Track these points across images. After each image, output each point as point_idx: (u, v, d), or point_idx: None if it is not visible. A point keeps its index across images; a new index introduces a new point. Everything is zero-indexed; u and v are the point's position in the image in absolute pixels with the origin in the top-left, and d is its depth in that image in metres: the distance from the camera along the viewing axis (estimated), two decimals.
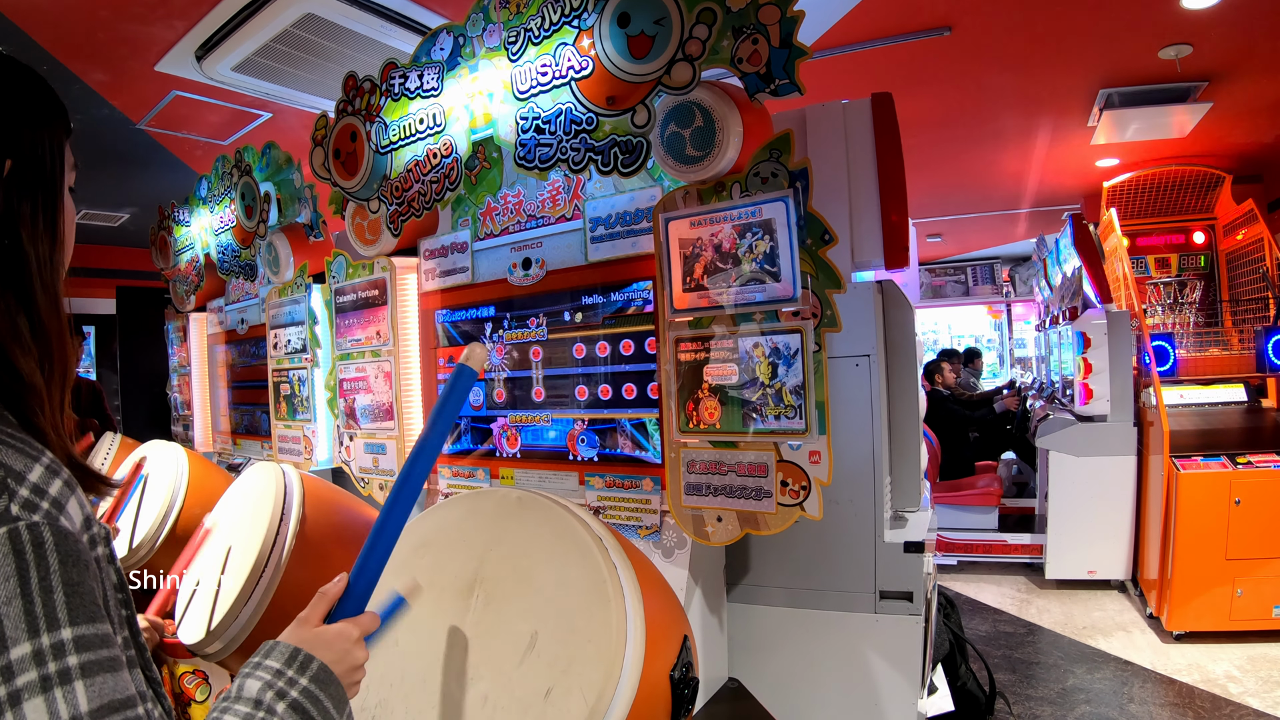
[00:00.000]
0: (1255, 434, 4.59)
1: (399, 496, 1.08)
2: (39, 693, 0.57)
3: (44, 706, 0.56)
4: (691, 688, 1.33)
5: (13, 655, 0.57)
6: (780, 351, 1.66)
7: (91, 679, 0.60)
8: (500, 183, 2.26)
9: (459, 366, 1.16)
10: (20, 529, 0.60)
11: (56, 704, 0.57)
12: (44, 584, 0.60)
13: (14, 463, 0.64)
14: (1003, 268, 10.38)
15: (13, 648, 0.57)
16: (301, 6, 2.95)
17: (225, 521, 2.22)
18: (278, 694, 0.79)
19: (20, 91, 0.78)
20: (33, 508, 0.62)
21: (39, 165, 0.78)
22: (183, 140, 4.48)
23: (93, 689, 0.59)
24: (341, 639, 0.91)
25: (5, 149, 0.75)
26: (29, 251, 0.75)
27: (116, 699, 0.61)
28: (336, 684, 0.85)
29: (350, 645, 0.91)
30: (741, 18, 1.58)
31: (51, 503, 0.64)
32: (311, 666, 0.84)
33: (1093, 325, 5.13)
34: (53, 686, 0.57)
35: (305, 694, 0.81)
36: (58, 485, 0.66)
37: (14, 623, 0.57)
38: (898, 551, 2.00)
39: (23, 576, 0.59)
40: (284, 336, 3.03)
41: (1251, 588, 4.20)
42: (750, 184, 1.68)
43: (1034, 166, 5.96)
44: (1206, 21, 3.51)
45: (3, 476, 0.62)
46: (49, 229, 0.78)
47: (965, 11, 3.38)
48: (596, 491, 2.06)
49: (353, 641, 0.92)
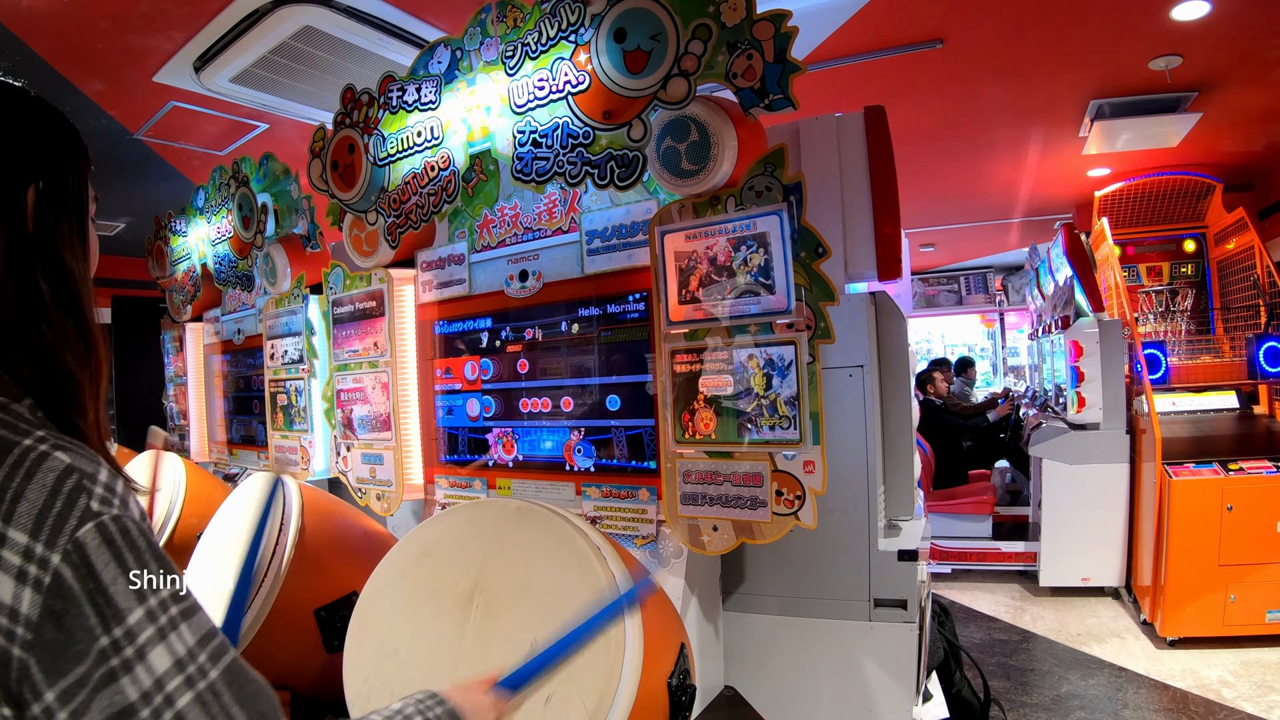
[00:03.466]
0: (1247, 440, 4.61)
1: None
2: (159, 641, 0.71)
3: (165, 650, 0.71)
4: (689, 695, 1.34)
5: (130, 621, 0.70)
6: (775, 363, 1.68)
7: (189, 620, 0.74)
8: (497, 195, 2.28)
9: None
10: (106, 521, 0.71)
11: (173, 645, 0.72)
12: (139, 560, 0.72)
13: (84, 466, 0.73)
14: (995, 277, 10.43)
15: (129, 615, 0.70)
16: (300, 19, 2.97)
17: (223, 531, 2.22)
18: (419, 711, 0.93)
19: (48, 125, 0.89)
20: (109, 503, 0.72)
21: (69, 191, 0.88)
22: (180, 150, 4.48)
23: (193, 626, 0.74)
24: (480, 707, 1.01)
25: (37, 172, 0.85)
26: (72, 267, 0.86)
27: (210, 628, 0.76)
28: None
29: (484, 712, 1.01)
30: (736, 33, 1.61)
31: (120, 498, 0.74)
32: (448, 703, 0.97)
33: (1085, 334, 5.16)
34: (167, 634, 0.72)
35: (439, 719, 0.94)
36: (121, 483, 0.76)
37: (124, 596, 0.70)
38: (892, 560, 2.02)
39: (120, 559, 0.71)
40: (281, 347, 3.04)
41: (1244, 593, 4.22)
42: (745, 197, 1.70)
43: (1026, 177, 5.99)
44: (1196, 32, 3.55)
45: (79, 479, 0.72)
46: (83, 249, 0.89)
47: (957, 24, 3.41)
48: (593, 501, 2.07)
49: (487, 708, 1.02)
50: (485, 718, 1.01)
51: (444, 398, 2.46)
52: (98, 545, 0.70)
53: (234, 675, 0.75)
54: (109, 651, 0.68)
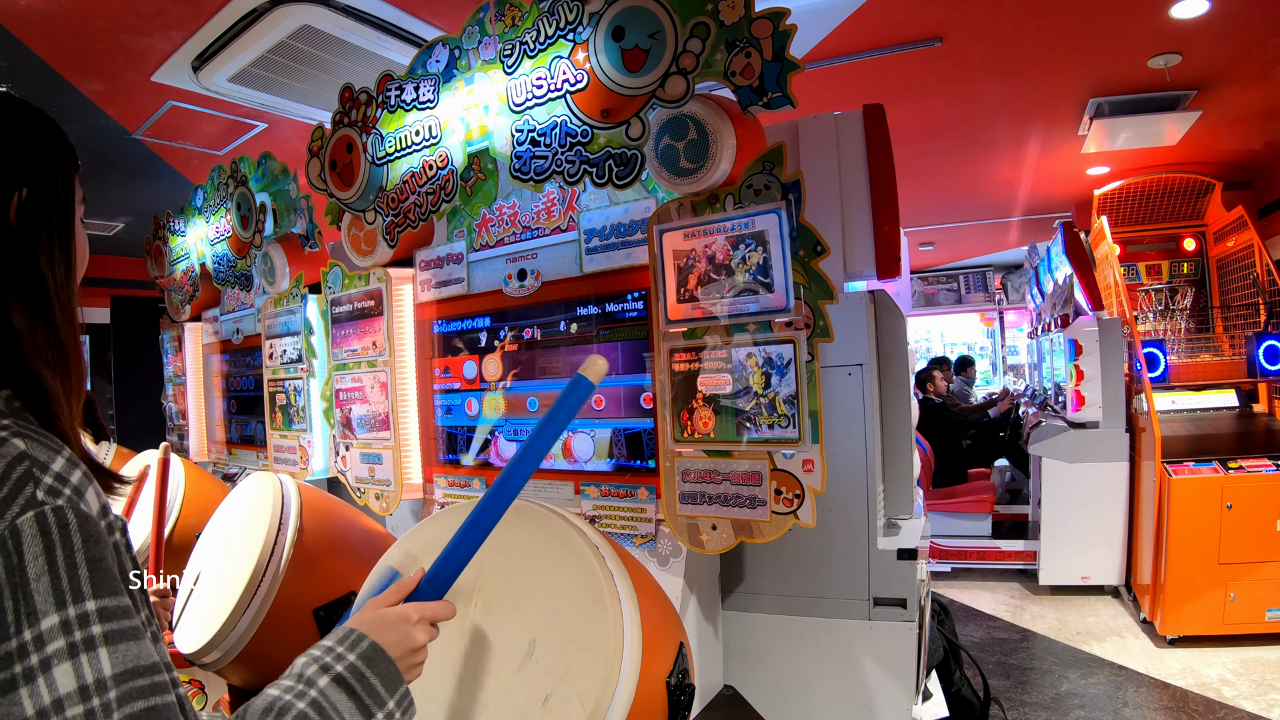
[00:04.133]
0: (1246, 439, 4.62)
1: (495, 497, 1.06)
2: (66, 658, 0.63)
3: (71, 670, 0.63)
4: (688, 694, 1.34)
5: (43, 625, 0.63)
6: (774, 361, 1.67)
7: (114, 646, 0.66)
8: (496, 194, 2.28)
9: (576, 376, 1.11)
10: (46, 512, 0.67)
11: (82, 668, 0.64)
12: (69, 561, 0.66)
13: (39, 454, 0.70)
14: (995, 275, 10.43)
15: (43, 619, 0.64)
16: (298, 18, 2.97)
17: (222, 531, 2.22)
18: (322, 668, 0.83)
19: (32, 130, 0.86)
20: (56, 493, 0.68)
21: (53, 196, 0.85)
22: (178, 150, 4.48)
23: (115, 655, 0.66)
24: (402, 621, 0.92)
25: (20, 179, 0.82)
26: (47, 274, 0.83)
27: (140, 665, 0.67)
28: (388, 662, 0.87)
29: (409, 627, 0.92)
30: (735, 31, 1.61)
31: (73, 490, 0.70)
32: (361, 645, 0.87)
33: (1084, 332, 5.16)
34: (79, 653, 0.64)
35: (350, 669, 0.84)
36: (78, 475, 0.72)
37: (43, 596, 0.64)
38: (891, 559, 2.01)
39: (50, 555, 0.65)
40: (279, 346, 3.04)
41: (1244, 592, 4.22)
42: (743, 196, 1.70)
43: (1025, 175, 5.99)
44: (1195, 30, 3.55)
45: (29, 466, 0.68)
46: (64, 254, 0.86)
47: (956, 22, 3.41)
48: (592, 500, 2.07)
49: (412, 623, 0.93)
50: (410, 638, 0.92)
51: (442, 397, 2.46)
52: (33, 535, 0.66)
53: None
54: (14, 655, 0.63)
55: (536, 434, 1.09)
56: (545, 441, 1.10)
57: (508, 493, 1.07)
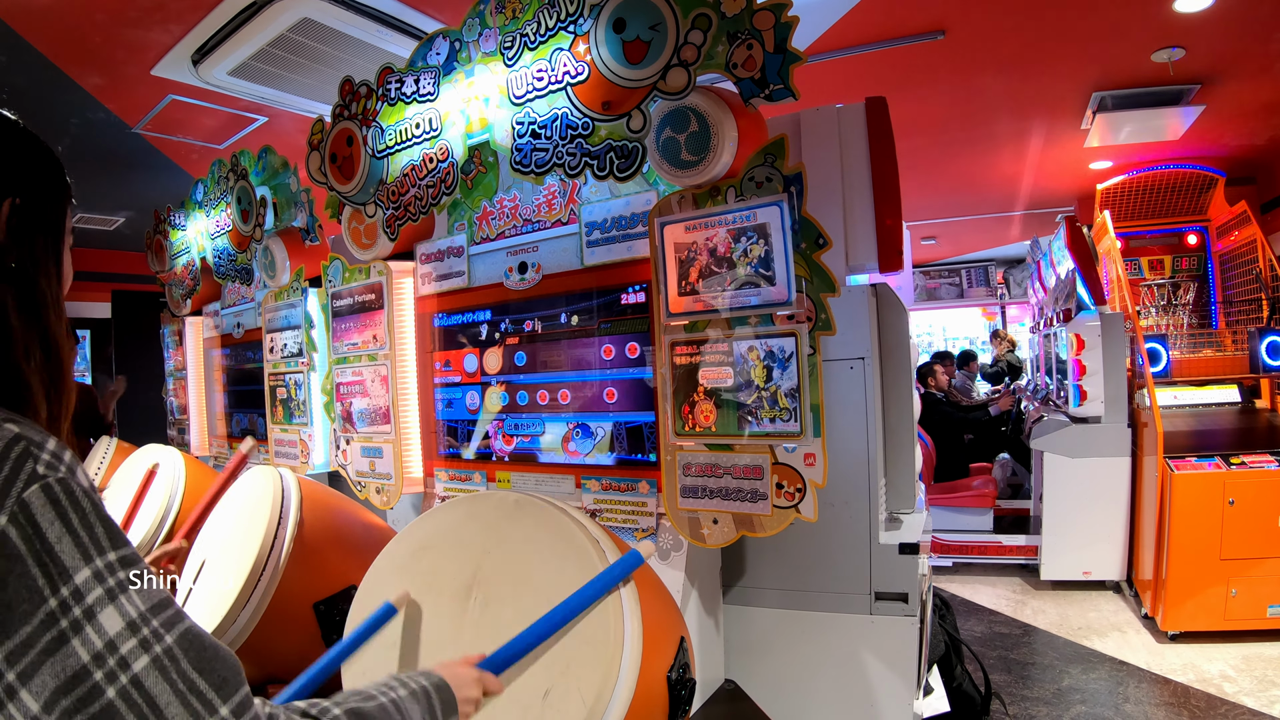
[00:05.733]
0: (1249, 434, 4.61)
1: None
2: (109, 602, 0.71)
3: (115, 612, 0.70)
4: (689, 689, 1.34)
5: (77, 580, 0.70)
6: (775, 355, 1.67)
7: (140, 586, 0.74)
8: (496, 187, 2.27)
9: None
10: (51, 483, 0.72)
11: (125, 607, 0.71)
12: (84, 520, 0.72)
13: (33, 435, 0.74)
14: (997, 270, 10.42)
15: (75, 574, 0.70)
16: (298, 11, 2.96)
17: (223, 525, 2.22)
18: (401, 683, 0.99)
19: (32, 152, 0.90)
20: (55, 467, 0.73)
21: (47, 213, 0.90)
22: (179, 144, 4.48)
23: (143, 594, 0.74)
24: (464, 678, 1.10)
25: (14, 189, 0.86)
26: (45, 290, 0.87)
27: (163, 597, 0.75)
28: (451, 696, 1.04)
29: (472, 683, 1.11)
30: (736, 23, 1.60)
31: (68, 465, 0.75)
32: (434, 677, 1.04)
33: (1087, 327, 5.15)
34: (117, 595, 0.71)
35: (421, 689, 1.01)
36: (69, 455, 0.76)
37: (69, 555, 0.70)
38: (893, 553, 2.01)
39: (64, 519, 0.71)
40: (280, 340, 3.04)
41: (1246, 588, 4.21)
42: (745, 188, 1.69)
43: (1028, 169, 5.98)
44: (1199, 24, 3.53)
45: (26, 445, 0.73)
46: (58, 275, 0.91)
47: (959, 15, 3.40)
48: (593, 494, 2.07)
49: (471, 681, 1.11)
50: (470, 691, 1.09)
51: (443, 390, 2.46)
52: (43, 505, 0.70)
53: (192, 640, 0.74)
54: (57, 613, 0.68)
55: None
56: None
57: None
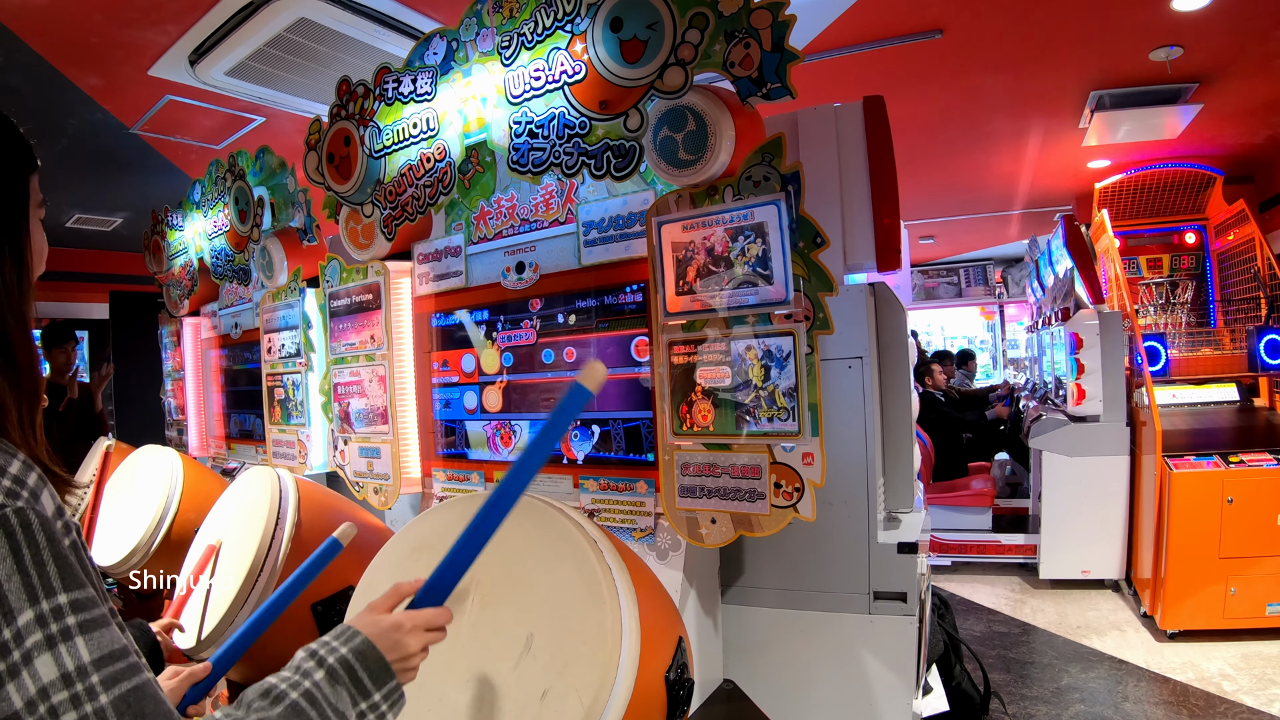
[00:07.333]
0: (1247, 433, 4.61)
1: (494, 505, 1.05)
2: (46, 650, 0.66)
3: (52, 660, 0.66)
4: (687, 689, 1.34)
5: (19, 622, 0.66)
6: (773, 354, 1.66)
7: (89, 634, 0.69)
8: (494, 187, 2.27)
9: (574, 384, 1.09)
10: (8, 514, 0.68)
11: (62, 657, 0.67)
12: (36, 559, 0.68)
13: None
14: (995, 269, 10.42)
15: (18, 615, 0.66)
16: (295, 11, 2.96)
17: (221, 526, 2.21)
18: (317, 662, 0.87)
19: None
20: (15, 496, 0.69)
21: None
22: (176, 145, 4.47)
23: (91, 642, 0.69)
24: (394, 629, 0.95)
25: None
26: None
27: (115, 649, 0.71)
28: (379, 659, 0.90)
29: (401, 635, 0.95)
30: (734, 22, 1.59)
31: (30, 492, 0.71)
32: (355, 640, 0.91)
33: (1085, 326, 5.15)
34: (57, 643, 0.67)
35: (341, 661, 0.88)
36: (34, 477, 0.73)
37: (16, 594, 0.66)
38: (891, 552, 2.01)
39: (16, 555, 0.67)
40: (278, 341, 3.03)
41: (1244, 586, 4.21)
42: (742, 187, 1.69)
43: (1026, 168, 5.98)
44: (1197, 23, 3.53)
45: None
46: (14, 258, 0.84)
47: (956, 14, 3.40)
48: (591, 494, 2.07)
49: (405, 631, 0.96)
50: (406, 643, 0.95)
51: (441, 390, 2.45)
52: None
53: (131, 704, 0.69)
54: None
55: (534, 444, 1.08)
56: (542, 451, 1.09)
57: (506, 500, 1.06)
